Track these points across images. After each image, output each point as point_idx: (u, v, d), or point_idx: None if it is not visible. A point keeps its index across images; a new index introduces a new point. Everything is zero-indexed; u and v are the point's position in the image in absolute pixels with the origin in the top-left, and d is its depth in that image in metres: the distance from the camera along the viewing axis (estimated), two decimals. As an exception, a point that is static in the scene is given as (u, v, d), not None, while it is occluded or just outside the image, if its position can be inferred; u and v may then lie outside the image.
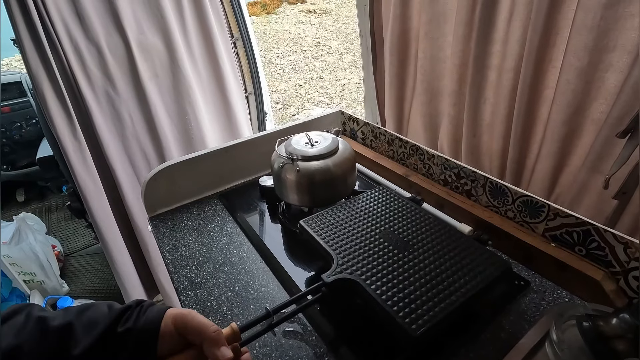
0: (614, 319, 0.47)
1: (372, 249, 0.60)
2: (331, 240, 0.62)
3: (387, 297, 0.51)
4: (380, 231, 0.64)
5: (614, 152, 0.61)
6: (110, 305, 0.42)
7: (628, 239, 0.55)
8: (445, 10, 0.79)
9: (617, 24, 0.56)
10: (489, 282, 0.54)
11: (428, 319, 0.48)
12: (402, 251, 0.59)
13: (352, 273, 0.55)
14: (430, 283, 0.53)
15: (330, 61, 5.73)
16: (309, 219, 0.68)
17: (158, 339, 0.40)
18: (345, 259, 0.58)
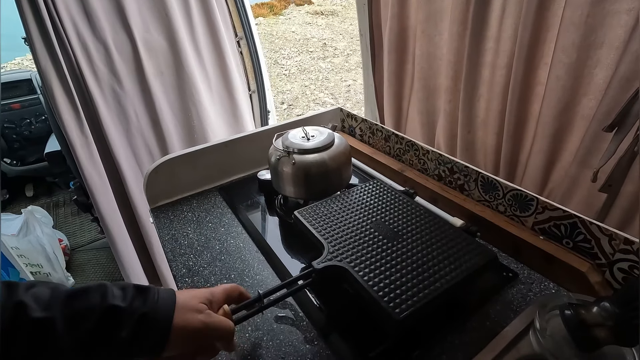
0: (594, 308, 0.48)
1: (362, 238, 0.62)
2: (323, 230, 0.64)
3: (374, 283, 0.53)
4: (372, 222, 0.65)
5: (603, 146, 0.62)
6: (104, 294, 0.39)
7: (612, 230, 0.56)
8: (441, 8, 0.81)
9: (605, 21, 0.57)
10: (474, 271, 0.56)
11: (412, 304, 0.50)
12: (391, 240, 0.61)
13: (341, 260, 0.57)
14: (416, 271, 0.55)
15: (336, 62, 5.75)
16: (302, 210, 0.70)
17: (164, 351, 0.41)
18: (336, 247, 0.60)
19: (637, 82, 0.53)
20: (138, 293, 0.41)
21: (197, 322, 0.42)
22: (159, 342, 0.40)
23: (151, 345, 0.40)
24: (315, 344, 0.56)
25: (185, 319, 0.41)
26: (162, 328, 0.40)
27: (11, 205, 2.69)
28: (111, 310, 0.38)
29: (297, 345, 0.56)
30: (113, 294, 0.40)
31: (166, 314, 0.41)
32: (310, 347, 0.55)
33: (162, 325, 0.40)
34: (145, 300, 0.41)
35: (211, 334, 0.43)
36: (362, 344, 0.55)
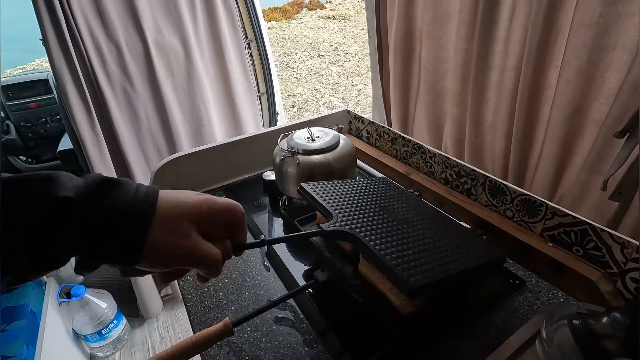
0: (604, 318, 0.47)
1: (371, 216, 0.58)
2: (331, 202, 0.61)
3: (386, 253, 0.50)
4: (380, 207, 0.62)
5: (615, 152, 0.60)
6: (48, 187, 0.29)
7: (625, 238, 0.54)
8: (448, 10, 0.80)
9: (617, 22, 0.55)
10: (486, 262, 0.54)
11: (426, 277, 0.47)
12: (401, 224, 0.58)
13: (351, 229, 0.54)
14: (428, 252, 0.52)
15: (347, 66, 5.76)
16: (310, 184, 0.66)
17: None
18: (345, 218, 0.56)
19: (651, 85, 0.51)
20: (104, 186, 0.31)
21: (179, 249, 0.33)
22: (125, 258, 0.31)
23: (116, 257, 0.31)
24: (314, 347, 0.55)
25: (164, 240, 0.32)
26: (130, 242, 0.31)
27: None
28: (59, 206, 0.29)
29: (296, 348, 0.55)
30: (64, 185, 0.30)
31: (138, 226, 0.31)
32: (309, 349, 0.55)
33: (131, 239, 0.31)
34: (117, 195, 0.31)
35: (193, 262, 0.34)
36: (362, 348, 0.54)
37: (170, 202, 0.34)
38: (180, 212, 0.34)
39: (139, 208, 0.32)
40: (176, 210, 0.34)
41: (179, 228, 0.33)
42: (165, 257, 0.33)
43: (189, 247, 0.33)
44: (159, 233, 0.32)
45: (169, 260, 0.33)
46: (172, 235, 0.33)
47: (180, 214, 0.34)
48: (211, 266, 0.35)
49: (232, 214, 0.38)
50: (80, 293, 1.50)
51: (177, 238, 0.33)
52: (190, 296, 0.66)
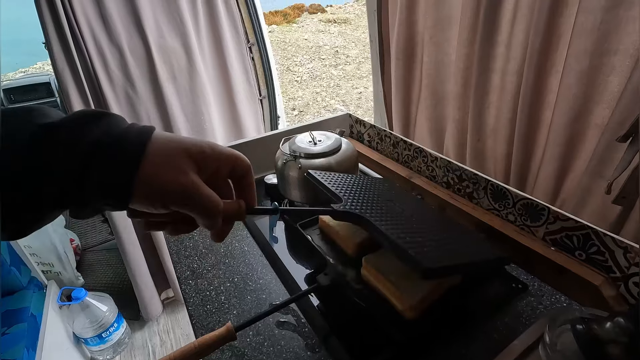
0: (608, 323, 0.46)
1: (379, 206, 0.58)
2: (339, 189, 0.60)
3: (397, 237, 0.49)
4: (386, 200, 0.61)
5: (617, 157, 0.60)
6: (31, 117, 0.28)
7: (628, 243, 0.54)
8: (449, 15, 0.80)
9: (619, 27, 0.56)
10: (495, 259, 0.54)
11: (439, 261, 0.46)
12: (408, 215, 0.58)
13: (361, 213, 0.53)
14: (437, 242, 0.52)
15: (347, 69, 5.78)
16: (317, 172, 0.65)
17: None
18: (354, 204, 0.56)
19: (653, 90, 0.51)
20: (94, 114, 0.29)
21: (175, 184, 0.29)
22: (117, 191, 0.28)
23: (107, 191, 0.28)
24: (317, 352, 0.55)
25: (159, 173, 0.29)
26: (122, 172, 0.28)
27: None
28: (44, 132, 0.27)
29: (299, 352, 0.55)
30: (48, 114, 0.29)
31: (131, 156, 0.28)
32: (311, 354, 0.54)
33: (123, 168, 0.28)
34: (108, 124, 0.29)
35: (189, 201, 0.30)
36: (364, 352, 0.54)
37: (167, 137, 0.30)
38: (178, 146, 0.30)
39: (132, 137, 0.29)
40: (173, 144, 0.30)
41: (176, 163, 0.30)
42: (160, 193, 0.29)
43: (186, 183, 0.29)
44: (153, 165, 0.28)
45: (163, 196, 0.29)
46: (168, 169, 0.29)
47: (179, 148, 0.30)
48: (210, 211, 0.31)
49: (239, 163, 0.34)
50: (81, 296, 1.50)
51: (173, 173, 0.29)
52: (192, 300, 0.66)
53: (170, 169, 0.29)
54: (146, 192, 0.28)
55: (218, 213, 0.31)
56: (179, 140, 0.31)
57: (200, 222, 0.32)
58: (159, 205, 0.30)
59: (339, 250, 0.65)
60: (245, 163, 0.35)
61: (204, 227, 0.33)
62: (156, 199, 0.29)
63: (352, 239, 0.62)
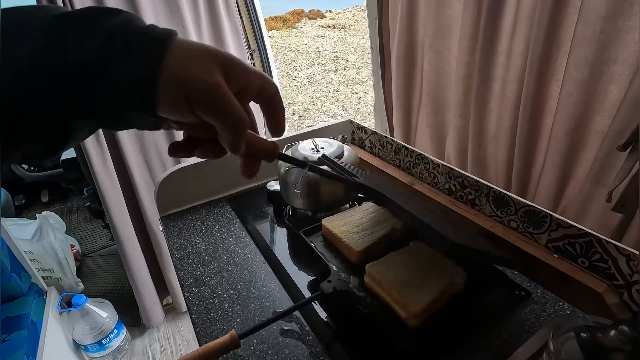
0: (612, 331, 0.47)
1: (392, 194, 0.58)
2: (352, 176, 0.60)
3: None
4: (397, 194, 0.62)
5: (617, 164, 0.60)
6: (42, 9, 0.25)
7: (630, 250, 0.55)
8: (449, 23, 0.81)
9: (618, 37, 0.56)
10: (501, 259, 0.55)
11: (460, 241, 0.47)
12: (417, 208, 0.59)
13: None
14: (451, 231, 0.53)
15: (347, 74, 5.81)
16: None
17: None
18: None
19: (653, 99, 0.52)
20: (107, 10, 0.26)
21: (201, 83, 0.27)
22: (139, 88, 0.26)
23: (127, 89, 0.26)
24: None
25: (183, 69, 0.26)
26: (144, 65, 0.25)
27: (27, 210, 2.75)
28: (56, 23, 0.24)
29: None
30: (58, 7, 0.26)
31: (153, 47, 0.26)
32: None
33: (144, 62, 0.25)
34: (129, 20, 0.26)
35: (216, 108, 0.28)
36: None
37: (191, 41, 0.28)
38: (205, 48, 0.28)
39: (155, 33, 0.26)
40: (199, 46, 0.28)
41: (202, 62, 0.27)
42: (185, 90, 0.26)
43: (212, 83, 0.27)
44: (178, 61, 0.26)
45: (188, 95, 0.27)
46: (194, 66, 0.27)
47: (206, 50, 0.28)
48: (235, 122, 0.29)
49: (269, 82, 0.32)
50: (81, 302, 1.49)
51: (199, 70, 0.27)
52: (195, 308, 0.66)
53: (196, 67, 0.27)
54: (171, 89, 0.26)
55: (244, 127, 0.29)
56: (205, 44, 0.28)
57: (225, 137, 0.30)
58: (185, 108, 0.27)
59: (342, 257, 0.65)
60: (273, 87, 0.33)
61: (228, 146, 0.31)
62: (181, 100, 0.27)
63: (355, 247, 0.62)
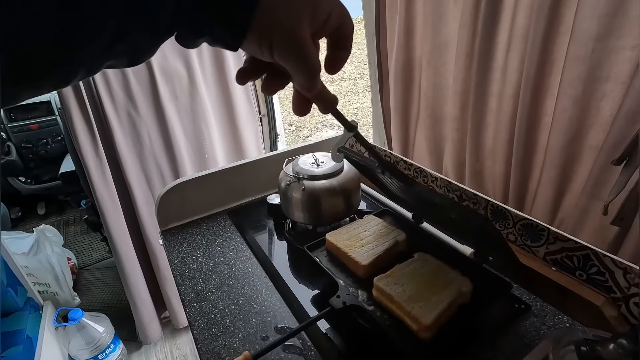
0: (611, 344, 0.47)
1: None
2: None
3: None
4: None
5: (612, 178, 0.62)
6: None
7: (627, 264, 0.56)
8: (446, 41, 0.84)
9: (610, 57, 0.58)
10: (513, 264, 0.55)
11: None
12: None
13: None
14: None
15: (344, 85, 5.87)
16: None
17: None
18: None
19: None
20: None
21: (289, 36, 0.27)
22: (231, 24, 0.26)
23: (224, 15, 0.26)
24: (323, 376, 0.55)
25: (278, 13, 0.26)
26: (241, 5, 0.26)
27: (23, 223, 2.73)
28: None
29: (305, 377, 0.55)
30: None
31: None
32: (318, 378, 0.54)
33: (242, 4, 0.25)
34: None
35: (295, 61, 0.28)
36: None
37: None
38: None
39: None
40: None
41: (294, 6, 0.27)
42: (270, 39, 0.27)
43: (298, 39, 0.27)
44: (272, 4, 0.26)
45: (271, 41, 0.27)
46: (285, 11, 0.26)
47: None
48: (311, 73, 0.29)
49: (345, 22, 0.31)
50: (77, 317, 1.47)
51: (290, 18, 0.27)
52: (197, 324, 0.65)
53: (288, 13, 0.27)
54: (260, 34, 0.26)
55: (317, 75, 0.30)
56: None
57: (298, 81, 0.31)
58: (266, 51, 0.28)
59: (348, 271, 0.65)
60: (351, 23, 0.32)
61: (301, 88, 0.32)
62: (265, 44, 0.27)
63: (361, 260, 0.63)
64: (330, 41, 0.32)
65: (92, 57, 0.23)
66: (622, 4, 0.55)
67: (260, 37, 0.27)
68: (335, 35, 0.31)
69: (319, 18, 0.28)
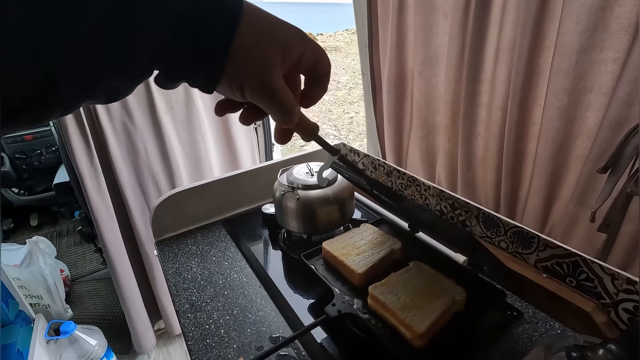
0: (600, 350, 0.48)
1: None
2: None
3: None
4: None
5: (599, 186, 0.63)
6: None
7: (614, 270, 0.57)
8: (437, 53, 0.86)
9: (592, 69, 0.61)
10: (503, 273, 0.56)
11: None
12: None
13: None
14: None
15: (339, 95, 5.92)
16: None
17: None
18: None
19: (626, 125, 0.55)
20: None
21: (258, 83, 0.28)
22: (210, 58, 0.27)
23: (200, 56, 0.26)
24: (318, 385, 0.55)
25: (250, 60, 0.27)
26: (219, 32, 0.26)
27: (15, 234, 2.69)
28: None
29: (300, 387, 0.55)
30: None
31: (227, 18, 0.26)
32: (313, 388, 0.54)
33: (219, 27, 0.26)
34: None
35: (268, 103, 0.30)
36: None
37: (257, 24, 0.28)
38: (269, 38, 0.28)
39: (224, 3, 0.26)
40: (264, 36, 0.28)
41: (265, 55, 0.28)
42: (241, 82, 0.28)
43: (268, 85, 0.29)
44: (243, 51, 0.27)
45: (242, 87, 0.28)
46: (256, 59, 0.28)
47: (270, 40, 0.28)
48: (285, 113, 0.31)
49: (320, 61, 0.32)
50: (69, 330, 1.45)
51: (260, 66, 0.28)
52: (191, 334, 0.65)
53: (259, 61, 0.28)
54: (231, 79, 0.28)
55: (292, 113, 0.31)
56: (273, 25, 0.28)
57: (273, 117, 0.32)
58: (239, 93, 0.29)
59: (344, 280, 0.66)
60: (327, 62, 0.33)
61: (279, 123, 0.33)
62: (237, 88, 0.29)
63: (356, 269, 0.63)
64: (306, 78, 0.34)
65: (69, 98, 0.24)
66: (603, 19, 0.58)
67: (232, 84, 0.28)
68: (311, 72, 0.33)
69: (291, 59, 0.30)
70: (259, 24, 0.28)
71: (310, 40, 0.31)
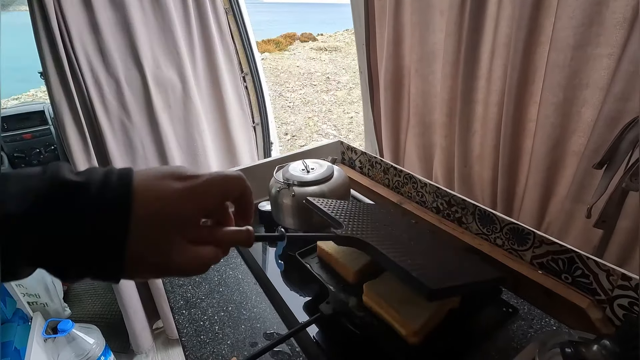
0: (595, 346, 0.48)
1: (378, 230, 0.59)
2: (338, 214, 0.60)
3: (399, 260, 0.50)
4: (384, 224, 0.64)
5: (595, 182, 0.63)
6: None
7: (610, 266, 0.56)
8: (433, 50, 0.86)
9: (587, 64, 0.60)
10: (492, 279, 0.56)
11: (442, 282, 0.47)
12: (407, 239, 0.60)
13: (362, 237, 0.54)
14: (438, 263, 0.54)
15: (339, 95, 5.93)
16: (315, 198, 0.66)
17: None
18: (354, 229, 0.56)
19: (622, 120, 0.55)
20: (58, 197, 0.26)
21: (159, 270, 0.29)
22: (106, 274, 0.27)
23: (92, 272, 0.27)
24: (312, 381, 0.55)
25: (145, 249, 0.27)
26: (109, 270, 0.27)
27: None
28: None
29: (294, 383, 0.54)
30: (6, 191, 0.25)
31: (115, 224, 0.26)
32: (307, 384, 0.54)
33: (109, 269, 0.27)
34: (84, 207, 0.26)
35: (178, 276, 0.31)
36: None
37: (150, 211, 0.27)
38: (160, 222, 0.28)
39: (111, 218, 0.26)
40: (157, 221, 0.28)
41: (159, 239, 0.28)
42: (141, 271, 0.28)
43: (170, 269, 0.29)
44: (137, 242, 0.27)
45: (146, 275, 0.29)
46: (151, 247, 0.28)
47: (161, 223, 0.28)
48: (197, 272, 0.31)
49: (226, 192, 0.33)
50: (67, 328, 1.45)
51: (154, 252, 0.28)
52: (185, 331, 0.65)
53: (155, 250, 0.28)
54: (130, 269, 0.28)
55: (206, 267, 0.32)
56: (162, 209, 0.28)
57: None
58: (144, 279, 0.31)
59: (339, 278, 0.66)
60: (237, 188, 0.33)
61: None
62: (141, 278, 0.29)
63: (351, 267, 0.63)
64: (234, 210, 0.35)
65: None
66: (598, 15, 0.57)
67: (134, 276, 0.28)
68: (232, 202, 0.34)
69: (194, 221, 0.30)
70: (148, 214, 0.27)
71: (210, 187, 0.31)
